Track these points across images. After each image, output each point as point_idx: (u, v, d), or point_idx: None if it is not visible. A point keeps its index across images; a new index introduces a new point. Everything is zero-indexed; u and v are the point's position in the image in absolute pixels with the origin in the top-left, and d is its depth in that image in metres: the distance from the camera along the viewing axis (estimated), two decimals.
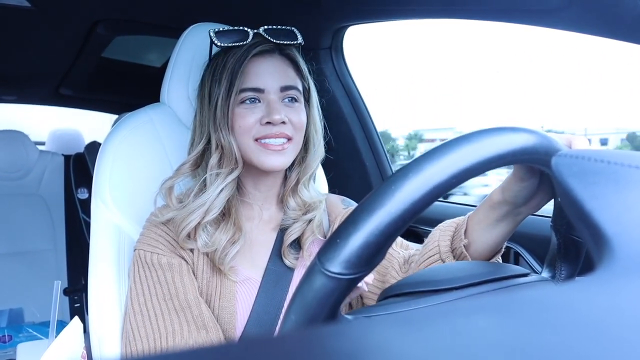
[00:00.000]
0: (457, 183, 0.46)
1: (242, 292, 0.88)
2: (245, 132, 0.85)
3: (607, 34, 0.87)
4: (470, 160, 0.46)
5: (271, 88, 0.86)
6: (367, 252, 0.44)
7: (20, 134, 2.62)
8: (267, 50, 0.88)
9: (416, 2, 1.16)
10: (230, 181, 0.87)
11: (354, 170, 1.60)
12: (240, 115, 0.86)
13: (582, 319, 0.19)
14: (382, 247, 0.45)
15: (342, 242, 0.44)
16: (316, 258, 0.46)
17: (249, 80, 0.86)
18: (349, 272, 0.44)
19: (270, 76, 0.87)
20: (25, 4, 1.49)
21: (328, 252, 0.45)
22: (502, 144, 0.47)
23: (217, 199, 0.86)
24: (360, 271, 0.45)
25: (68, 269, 2.57)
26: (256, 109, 0.86)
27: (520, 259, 1.17)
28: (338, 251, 0.44)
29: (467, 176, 0.46)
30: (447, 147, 0.46)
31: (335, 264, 0.44)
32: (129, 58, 2.29)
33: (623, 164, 0.35)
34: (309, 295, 0.45)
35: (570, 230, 0.60)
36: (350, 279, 0.44)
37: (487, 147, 0.47)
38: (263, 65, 0.87)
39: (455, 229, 0.82)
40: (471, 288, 0.57)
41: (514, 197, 0.69)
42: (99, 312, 0.93)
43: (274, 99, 0.86)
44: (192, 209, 0.85)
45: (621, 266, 0.26)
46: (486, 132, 0.48)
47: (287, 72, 0.89)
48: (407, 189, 0.44)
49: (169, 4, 1.55)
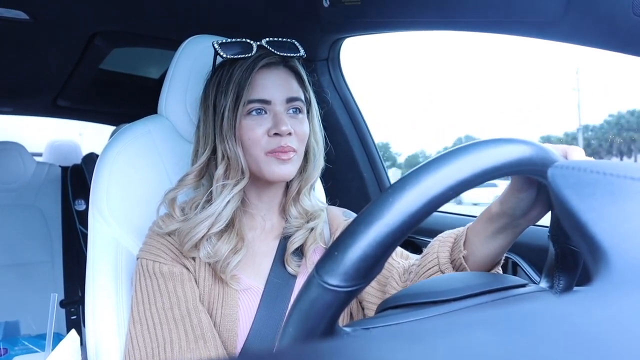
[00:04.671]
0: (455, 195, 0.46)
1: (244, 301, 0.88)
2: (254, 144, 0.86)
3: (603, 46, 0.87)
4: (467, 172, 0.46)
5: (277, 99, 0.88)
6: (365, 264, 0.44)
7: (17, 145, 2.61)
8: (272, 62, 0.89)
9: (412, 14, 1.17)
10: (237, 192, 0.88)
11: (351, 181, 1.60)
12: (247, 127, 0.87)
13: (579, 332, 0.19)
14: (380, 259, 0.45)
15: (340, 255, 0.44)
16: (314, 270, 0.46)
17: (256, 92, 0.87)
18: (347, 284, 0.44)
19: (276, 88, 0.88)
20: (24, 16, 1.50)
21: (326, 265, 0.45)
22: (499, 155, 0.48)
23: (225, 210, 0.87)
24: (359, 283, 0.44)
25: (65, 281, 2.56)
26: (263, 120, 0.87)
27: (519, 268, 1.17)
28: (336, 263, 0.44)
29: (464, 188, 0.46)
30: (444, 158, 0.46)
31: (333, 276, 0.44)
32: (126, 70, 2.30)
33: (619, 175, 0.36)
34: (306, 307, 0.45)
35: (568, 240, 0.60)
36: (348, 291, 0.44)
37: (485, 158, 0.47)
38: (269, 77, 0.88)
39: (455, 240, 0.82)
40: (470, 299, 0.57)
41: (512, 209, 0.69)
42: (96, 324, 0.93)
43: (280, 111, 0.87)
44: (199, 221, 0.85)
45: (617, 278, 0.26)
46: (483, 144, 0.48)
47: (291, 83, 0.91)
48: (405, 201, 0.44)
49: (167, 16, 1.56)
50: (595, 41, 0.88)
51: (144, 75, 2.37)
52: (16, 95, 2.65)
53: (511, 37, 1.01)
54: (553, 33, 0.92)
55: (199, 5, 1.46)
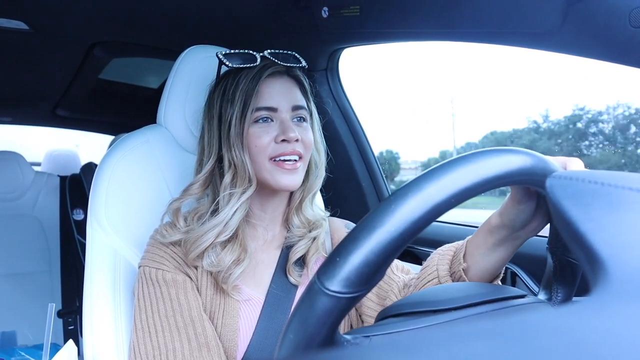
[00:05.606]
0: (456, 203, 0.46)
1: (245, 311, 0.88)
2: (260, 152, 0.87)
3: (600, 57, 0.88)
4: (469, 181, 0.46)
5: (283, 107, 0.89)
6: (366, 270, 0.44)
7: (15, 154, 2.61)
8: (277, 71, 0.91)
9: (410, 25, 1.18)
10: (244, 201, 0.88)
11: (350, 191, 1.60)
12: (255, 134, 0.87)
13: (577, 343, 0.19)
14: (382, 266, 0.45)
15: (342, 260, 0.44)
16: (315, 276, 0.45)
17: (263, 100, 0.88)
18: (348, 290, 0.44)
19: (282, 96, 0.89)
20: (24, 26, 1.50)
21: (327, 271, 0.45)
22: (499, 164, 0.48)
23: (232, 219, 0.87)
24: (360, 290, 0.44)
25: (62, 290, 2.55)
26: (270, 128, 0.88)
27: (517, 279, 1.17)
28: (337, 269, 0.44)
29: (465, 196, 0.46)
30: (446, 167, 0.47)
31: (335, 282, 0.44)
32: (126, 79, 2.30)
33: (616, 186, 0.36)
34: (307, 314, 0.45)
35: (566, 252, 0.61)
36: (349, 297, 0.44)
37: (486, 167, 0.47)
38: (275, 86, 0.90)
39: (454, 253, 0.82)
40: (468, 309, 0.56)
41: (511, 221, 0.69)
42: (94, 335, 0.92)
43: (286, 118, 0.88)
44: (207, 229, 0.86)
45: (616, 288, 0.26)
46: (484, 153, 0.48)
47: (295, 92, 0.92)
48: (407, 208, 0.44)
49: (166, 27, 1.56)
50: (593, 52, 0.89)
51: (143, 85, 2.38)
52: (16, 105, 2.65)
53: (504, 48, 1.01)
54: (550, 44, 0.93)
55: (199, 15, 1.46)
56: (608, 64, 0.87)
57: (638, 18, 0.77)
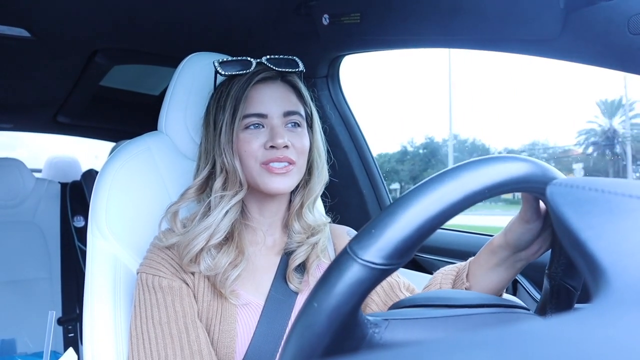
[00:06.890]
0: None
1: (243, 316, 0.88)
2: (250, 157, 0.88)
3: (599, 63, 0.88)
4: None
5: (274, 113, 0.89)
6: (402, 244, 0.45)
7: (16, 161, 2.61)
8: (269, 77, 0.91)
9: (410, 32, 1.18)
10: (234, 203, 0.88)
11: (351, 198, 1.60)
12: (244, 140, 0.88)
13: (578, 351, 0.19)
14: (416, 243, 0.46)
15: (378, 232, 0.45)
16: (347, 247, 0.46)
17: (253, 107, 0.89)
18: (382, 262, 0.44)
19: (273, 102, 0.89)
20: (26, 33, 1.51)
21: (362, 241, 0.45)
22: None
23: (222, 222, 0.87)
24: (393, 263, 0.45)
25: (62, 298, 2.54)
26: (260, 134, 0.88)
27: (519, 286, 1.17)
28: (373, 239, 0.45)
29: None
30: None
31: (370, 252, 0.44)
32: (127, 86, 2.31)
33: (617, 193, 0.36)
34: (336, 282, 0.45)
35: (565, 278, 0.61)
36: (382, 269, 0.45)
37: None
38: (266, 92, 0.90)
39: (457, 273, 0.84)
40: (481, 308, 0.57)
41: (516, 240, 0.70)
42: (94, 342, 0.92)
43: (277, 124, 0.88)
44: (197, 233, 0.86)
45: (617, 296, 0.26)
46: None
47: (289, 98, 0.92)
48: (444, 191, 0.46)
49: (168, 34, 1.57)
50: (592, 59, 0.89)
51: (144, 92, 2.38)
52: (16, 112, 2.65)
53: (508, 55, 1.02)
54: (550, 51, 0.93)
55: (200, 23, 1.47)
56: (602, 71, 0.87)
57: (637, 25, 0.77)
